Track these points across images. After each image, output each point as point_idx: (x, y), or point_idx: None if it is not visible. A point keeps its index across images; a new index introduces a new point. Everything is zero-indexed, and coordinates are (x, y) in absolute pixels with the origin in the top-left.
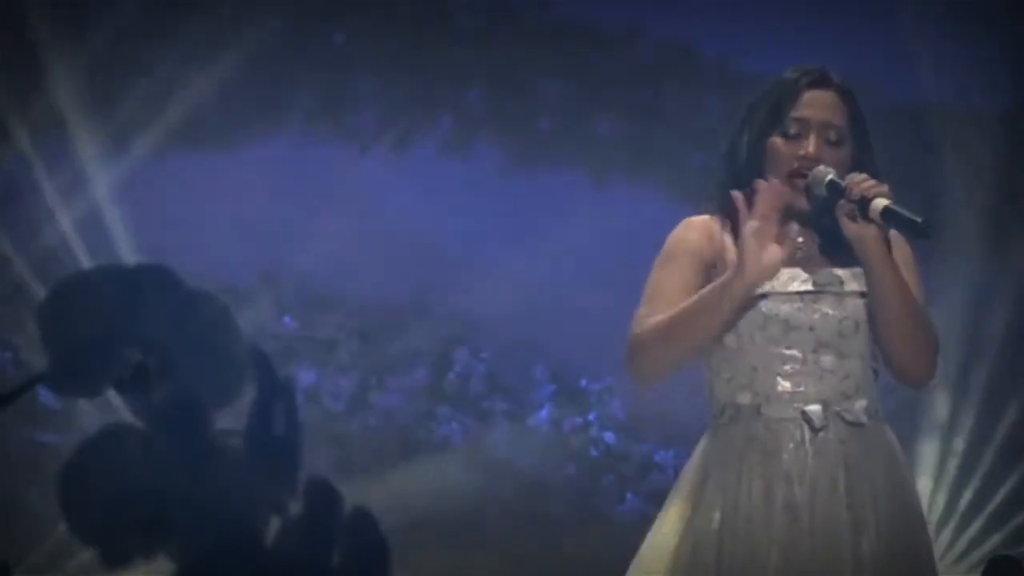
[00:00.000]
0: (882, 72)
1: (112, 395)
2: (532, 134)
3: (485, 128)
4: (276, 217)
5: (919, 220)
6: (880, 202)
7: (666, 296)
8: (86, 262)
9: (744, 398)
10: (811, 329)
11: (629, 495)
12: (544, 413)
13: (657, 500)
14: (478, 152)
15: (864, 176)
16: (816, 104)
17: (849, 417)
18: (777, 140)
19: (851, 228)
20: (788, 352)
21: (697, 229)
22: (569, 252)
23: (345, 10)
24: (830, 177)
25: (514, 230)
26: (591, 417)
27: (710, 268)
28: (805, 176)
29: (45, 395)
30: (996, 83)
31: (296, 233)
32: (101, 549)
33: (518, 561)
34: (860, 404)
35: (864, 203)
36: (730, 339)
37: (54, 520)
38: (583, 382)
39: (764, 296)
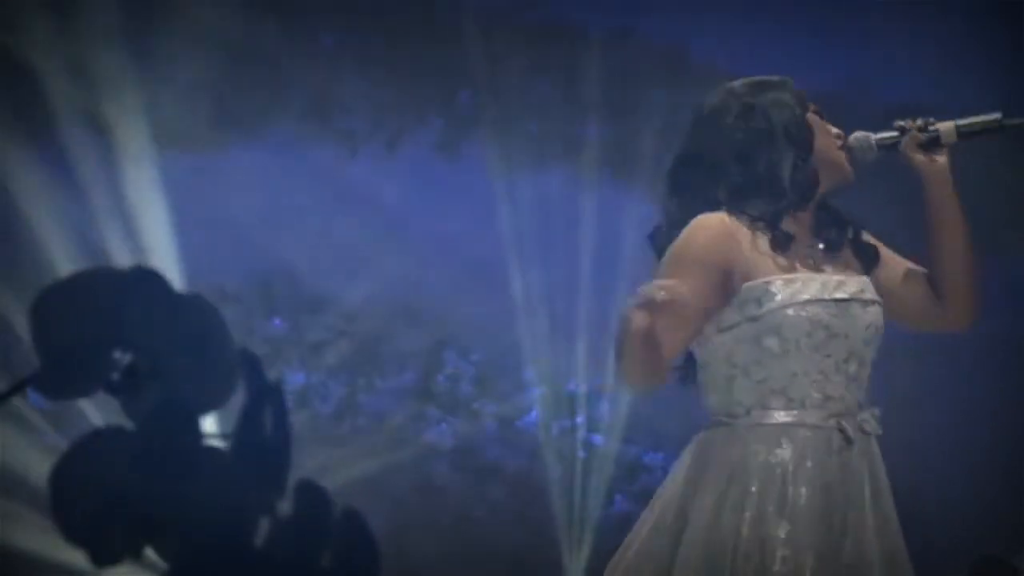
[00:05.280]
0: (869, 74)
1: (90, 401)
2: (522, 136)
3: (475, 129)
4: (266, 219)
5: (998, 116)
6: (949, 125)
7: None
8: (75, 264)
9: (776, 402)
10: (846, 337)
11: (617, 497)
12: (533, 415)
13: (646, 502)
14: (468, 153)
15: (910, 119)
16: None
17: (868, 428)
18: (814, 116)
19: (921, 161)
20: (826, 360)
21: (709, 232)
22: (558, 254)
23: (334, 11)
24: (880, 134)
25: (503, 231)
26: (579, 419)
27: (722, 271)
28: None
29: (35, 398)
30: (987, 83)
31: (286, 235)
32: (91, 550)
33: (507, 563)
34: (877, 412)
35: (932, 136)
36: (772, 342)
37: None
38: (572, 385)
39: (810, 302)
